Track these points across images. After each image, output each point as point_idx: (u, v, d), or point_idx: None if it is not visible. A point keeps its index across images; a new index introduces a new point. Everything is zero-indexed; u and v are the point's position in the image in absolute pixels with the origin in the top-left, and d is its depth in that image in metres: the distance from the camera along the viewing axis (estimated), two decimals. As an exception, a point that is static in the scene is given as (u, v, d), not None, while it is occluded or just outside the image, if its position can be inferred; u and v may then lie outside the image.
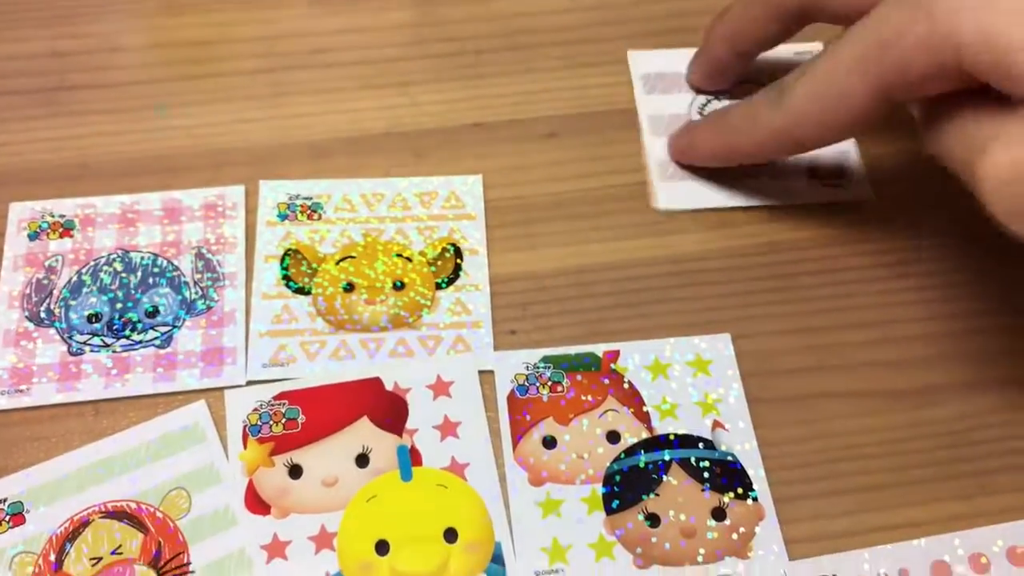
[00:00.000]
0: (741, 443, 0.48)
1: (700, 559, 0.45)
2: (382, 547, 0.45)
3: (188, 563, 0.44)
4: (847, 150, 0.58)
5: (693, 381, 0.50)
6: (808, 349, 0.51)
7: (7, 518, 0.45)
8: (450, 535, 0.46)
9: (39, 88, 0.58)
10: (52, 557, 0.44)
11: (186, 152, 0.56)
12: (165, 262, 0.53)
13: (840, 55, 0.44)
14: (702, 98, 0.60)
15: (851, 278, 0.53)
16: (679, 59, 0.61)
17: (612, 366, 0.51)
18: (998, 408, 0.49)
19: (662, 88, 0.60)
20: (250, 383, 0.50)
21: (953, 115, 0.41)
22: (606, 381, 0.50)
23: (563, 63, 0.61)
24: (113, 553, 0.44)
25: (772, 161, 0.57)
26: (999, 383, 0.50)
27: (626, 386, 0.50)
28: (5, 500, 0.45)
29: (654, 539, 0.46)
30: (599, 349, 0.51)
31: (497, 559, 0.45)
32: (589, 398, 0.50)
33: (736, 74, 0.58)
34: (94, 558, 0.44)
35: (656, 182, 0.57)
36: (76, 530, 0.45)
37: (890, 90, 0.43)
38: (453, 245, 0.55)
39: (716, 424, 0.49)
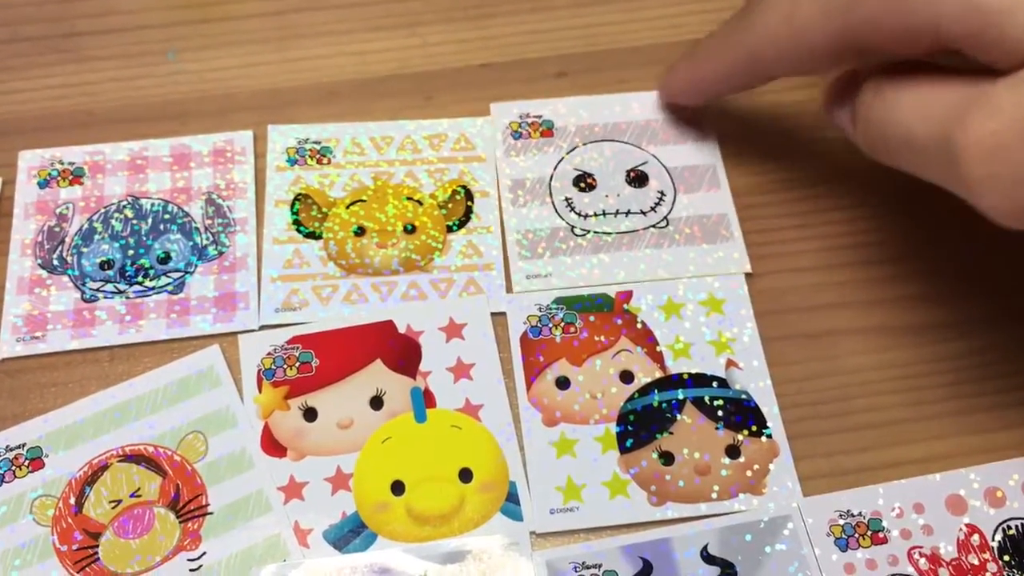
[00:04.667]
0: (755, 381, 0.48)
1: (714, 496, 0.45)
2: (398, 487, 0.46)
3: (206, 504, 0.45)
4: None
5: (707, 320, 0.50)
6: (823, 287, 0.51)
7: (26, 463, 0.45)
8: (465, 475, 0.46)
9: (47, 35, 0.58)
10: (72, 500, 0.45)
11: (194, 97, 0.56)
12: (176, 208, 0.53)
13: None
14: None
15: (867, 214, 0.53)
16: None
17: (625, 306, 0.50)
18: (1013, 342, 0.49)
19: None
20: (263, 328, 0.50)
21: (911, 88, 0.40)
22: (619, 321, 0.50)
23: (572, 0, 0.60)
24: (132, 496, 0.45)
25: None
26: (1014, 317, 0.49)
27: (639, 326, 0.50)
28: (24, 445, 0.46)
29: (668, 477, 0.46)
30: (612, 290, 0.51)
31: (512, 499, 0.46)
32: (602, 338, 0.49)
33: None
34: (113, 501, 0.45)
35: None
36: (95, 474, 0.45)
37: (855, 41, 0.41)
38: (464, 187, 0.55)
39: (730, 363, 0.49)
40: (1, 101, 0.55)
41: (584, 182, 0.55)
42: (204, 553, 0.44)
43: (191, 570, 0.44)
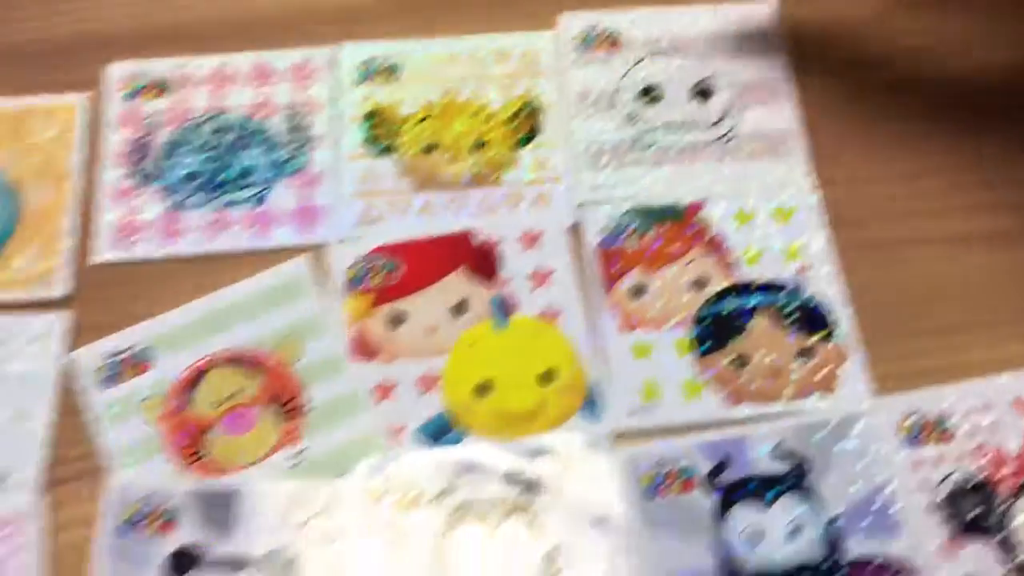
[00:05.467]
0: (826, 288, 0.50)
1: (786, 397, 0.47)
2: (483, 389, 0.48)
3: (304, 404, 0.47)
4: None
5: (777, 229, 0.51)
6: (895, 198, 0.52)
7: (135, 364, 0.48)
8: (546, 377, 0.48)
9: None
10: (178, 401, 0.47)
11: (273, 13, 0.57)
12: (257, 123, 0.54)
13: None
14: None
15: (936, 127, 0.54)
16: None
17: (696, 217, 0.52)
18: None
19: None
20: (343, 240, 0.52)
21: None
22: (691, 231, 0.51)
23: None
24: (235, 396, 0.47)
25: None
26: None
27: (711, 236, 0.51)
28: (130, 349, 0.48)
29: (742, 379, 0.48)
30: (684, 200, 0.52)
31: (591, 400, 0.48)
32: (675, 248, 0.51)
33: None
34: (217, 400, 0.47)
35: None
36: (198, 376, 0.48)
37: None
38: (530, 102, 0.56)
39: (801, 270, 0.50)
40: (88, 16, 0.56)
41: (649, 94, 0.56)
42: (304, 449, 0.46)
43: (293, 464, 0.46)
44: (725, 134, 0.55)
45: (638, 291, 0.50)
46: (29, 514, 0.45)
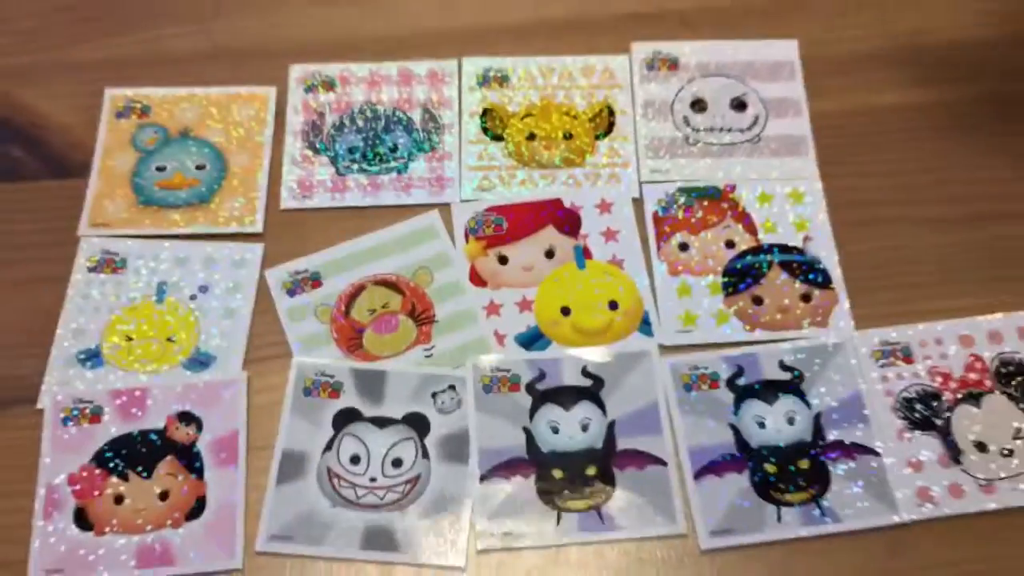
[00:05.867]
0: (825, 251, 0.66)
1: (791, 327, 0.64)
2: (566, 311, 0.65)
3: (434, 315, 0.65)
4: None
5: (791, 208, 0.68)
6: (883, 188, 0.68)
7: (310, 282, 0.66)
8: (613, 305, 0.65)
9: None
10: (342, 308, 0.65)
11: (411, 32, 0.75)
12: (401, 114, 0.72)
13: None
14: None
15: (917, 136, 0.70)
16: None
17: (730, 195, 0.69)
18: None
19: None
20: (464, 201, 0.69)
21: None
22: (725, 205, 0.68)
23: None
24: (383, 307, 0.65)
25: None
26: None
27: (740, 209, 0.68)
28: (307, 270, 0.66)
29: (758, 313, 0.64)
30: (721, 183, 0.69)
31: (646, 322, 0.64)
32: (713, 217, 0.68)
33: None
34: (371, 309, 0.65)
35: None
36: (356, 292, 0.65)
37: None
38: (608, 107, 0.73)
39: (806, 238, 0.67)
40: (279, 31, 0.75)
41: (698, 105, 0.73)
42: (434, 346, 0.64)
43: (425, 356, 0.63)
44: (754, 137, 0.72)
45: (683, 247, 0.67)
46: (238, 380, 0.63)
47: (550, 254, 0.67)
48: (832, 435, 0.60)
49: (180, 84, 0.73)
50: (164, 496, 0.59)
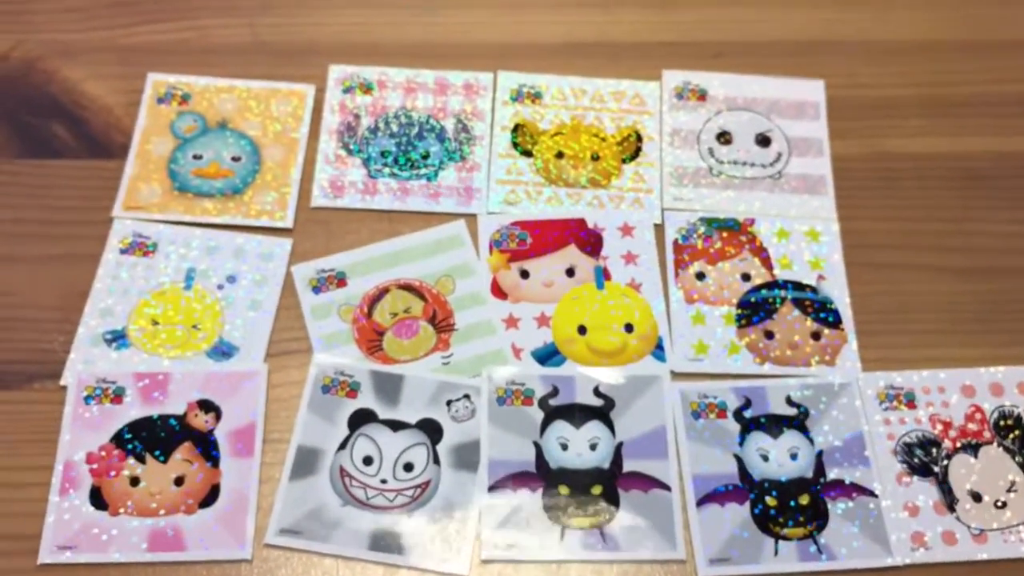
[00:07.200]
0: (837, 291, 0.68)
1: (799, 364, 0.65)
2: (582, 330, 0.66)
3: (454, 323, 0.66)
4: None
5: (807, 246, 0.70)
6: (895, 233, 0.70)
7: (335, 281, 0.67)
8: (628, 328, 0.67)
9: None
10: (365, 309, 0.66)
11: (449, 43, 0.76)
12: (434, 122, 0.73)
13: None
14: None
15: (934, 185, 0.72)
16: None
17: (749, 229, 0.70)
18: (1028, 290, 0.69)
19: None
20: (490, 213, 0.71)
21: None
22: (744, 238, 0.70)
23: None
24: (404, 311, 0.66)
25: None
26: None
27: (758, 244, 0.70)
28: (334, 269, 0.67)
29: (769, 347, 0.66)
30: (741, 216, 0.71)
31: (659, 348, 0.66)
32: (731, 249, 0.70)
33: None
34: (392, 313, 0.66)
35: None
36: (380, 294, 0.67)
37: None
38: (636, 132, 0.74)
39: (820, 277, 0.68)
40: (320, 30, 0.77)
41: (723, 137, 0.75)
42: (452, 354, 0.65)
43: (442, 363, 0.65)
44: (776, 173, 0.73)
45: (700, 276, 0.69)
46: (259, 372, 0.64)
47: (571, 272, 0.69)
48: (833, 473, 0.62)
49: (222, 75, 0.74)
50: (179, 481, 0.60)
